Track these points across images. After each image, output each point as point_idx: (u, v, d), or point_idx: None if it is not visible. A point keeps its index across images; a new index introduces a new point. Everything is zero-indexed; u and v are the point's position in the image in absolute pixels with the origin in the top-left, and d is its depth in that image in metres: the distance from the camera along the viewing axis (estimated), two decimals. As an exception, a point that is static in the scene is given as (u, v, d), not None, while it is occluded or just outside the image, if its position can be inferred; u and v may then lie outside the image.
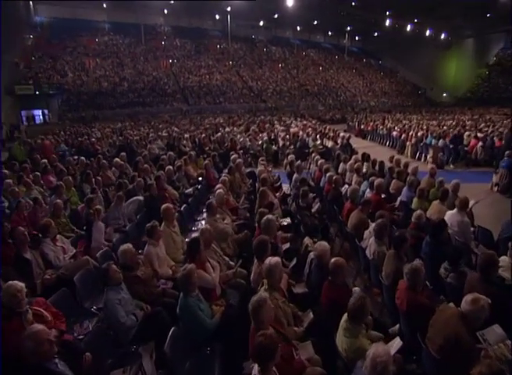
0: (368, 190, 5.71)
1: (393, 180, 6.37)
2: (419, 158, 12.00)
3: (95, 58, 30.15)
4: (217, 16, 36.87)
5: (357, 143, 14.69)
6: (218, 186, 5.24)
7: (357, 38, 49.32)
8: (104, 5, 31.11)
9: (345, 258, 4.97)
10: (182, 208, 5.39)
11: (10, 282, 2.73)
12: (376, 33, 44.63)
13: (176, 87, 32.00)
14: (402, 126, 15.43)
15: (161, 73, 32.37)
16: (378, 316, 3.58)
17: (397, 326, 3.05)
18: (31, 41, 28.31)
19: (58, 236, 4.08)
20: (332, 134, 13.84)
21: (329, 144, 12.28)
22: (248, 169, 8.13)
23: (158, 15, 34.64)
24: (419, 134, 12.52)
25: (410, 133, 13.34)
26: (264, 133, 13.10)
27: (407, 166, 6.94)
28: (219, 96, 32.92)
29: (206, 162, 7.36)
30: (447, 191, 5.14)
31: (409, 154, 12.79)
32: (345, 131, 19.98)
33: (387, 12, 35.38)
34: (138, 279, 3.20)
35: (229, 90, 34.00)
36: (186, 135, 12.77)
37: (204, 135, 13.03)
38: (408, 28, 37.39)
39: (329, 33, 47.39)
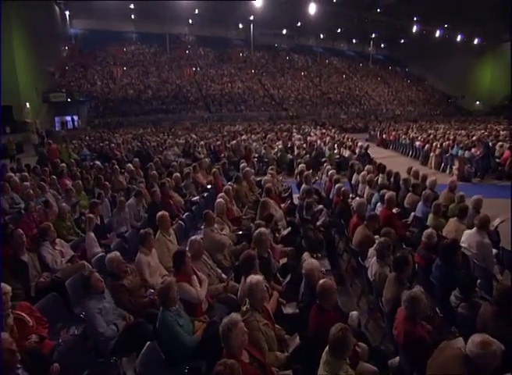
0: (380, 203, 5.38)
1: (408, 194, 6.00)
2: (444, 170, 11.32)
3: (122, 67, 31.55)
4: (240, 25, 37.53)
5: (377, 153, 14.18)
6: (220, 195, 5.13)
7: (382, 45, 48.31)
8: (133, 16, 32.63)
9: (352, 276, 4.80)
10: (184, 216, 5.32)
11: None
12: (403, 40, 43.52)
13: (198, 95, 32.73)
14: (426, 136, 14.72)
15: (185, 81, 33.25)
16: (378, 343, 3.28)
17: (397, 358, 2.75)
18: (66, 52, 30.12)
19: (57, 240, 4.11)
20: (350, 143, 13.46)
21: (346, 153, 11.91)
22: (259, 178, 8.00)
23: (183, 25, 35.82)
24: (444, 144, 11.83)
25: (435, 144, 12.66)
26: (280, 142, 12.93)
27: (425, 178, 6.51)
28: (240, 104, 33.28)
29: (214, 169, 7.30)
30: (466, 208, 4.70)
31: (433, 165, 12.11)
32: (366, 140, 19.48)
33: (414, 18, 34.41)
34: (124, 288, 3.12)
35: (251, 98, 34.29)
36: (202, 142, 12.86)
37: (219, 142, 13.09)
38: (437, 34, 36.02)
39: (353, 40, 46.85)
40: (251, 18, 32.70)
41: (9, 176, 7.26)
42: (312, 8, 25.59)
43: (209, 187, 7.28)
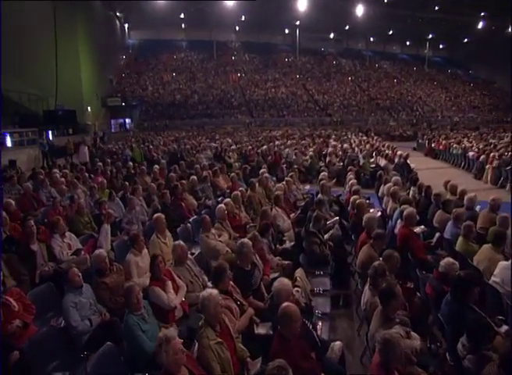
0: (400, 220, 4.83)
1: (438, 211, 5.29)
2: (502, 186, 9.85)
3: (171, 73, 33.56)
4: (286, 31, 37.60)
5: (423, 163, 13.03)
6: (225, 201, 5.05)
7: (440, 46, 44.66)
8: (183, 26, 34.66)
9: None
10: (191, 219, 5.34)
11: None
12: (466, 39, 39.64)
13: (241, 100, 33.40)
14: (483, 146, 13.09)
15: (229, 87, 34.18)
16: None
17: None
18: (124, 61, 33.00)
19: (67, 233, 4.38)
20: (389, 152, 12.56)
21: (382, 162, 11.09)
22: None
23: (229, 32, 37.05)
24: (505, 156, 10.34)
25: (492, 154, 11.15)
26: (311, 148, 12.53)
27: (463, 194, 5.72)
28: (283, 109, 33.19)
29: (233, 174, 7.26)
30: (504, 233, 3.96)
31: (489, 179, 10.67)
32: (414, 149, 18.05)
33: (481, 14, 31.10)
34: (105, 285, 3.19)
35: (294, 103, 34.04)
36: (233, 146, 12.98)
37: (250, 147, 13.09)
38: (510, 29, 32.06)
39: (407, 42, 44.01)
40: (297, 23, 32.55)
41: (53, 172, 8.06)
42: (361, 10, 24.64)
43: (228, 191, 7.27)
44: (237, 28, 36.16)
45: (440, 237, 4.68)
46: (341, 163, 11.79)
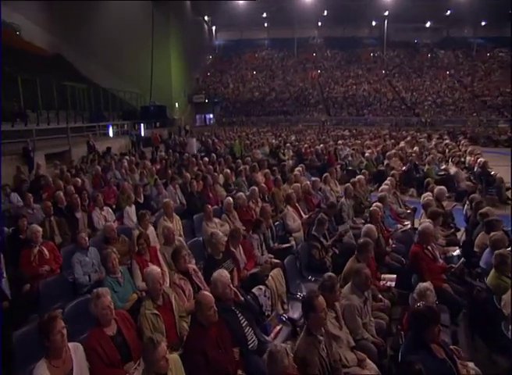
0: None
1: (481, 233, 4.40)
2: None
3: (252, 71, 35.02)
4: (373, 23, 34.92)
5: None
6: (238, 194, 5.33)
7: None
8: (265, 24, 35.63)
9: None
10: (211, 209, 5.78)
11: (34, 225, 3.95)
12: None
13: (319, 98, 32.72)
14: None
15: (308, 84, 33.82)
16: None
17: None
18: (210, 61, 35.99)
19: (105, 208, 5.34)
20: (470, 158, 10.85)
21: (453, 169, 9.65)
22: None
23: (312, 28, 36.40)
24: None
25: None
26: (370, 150, 11.67)
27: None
28: (364, 108, 31.25)
29: (267, 170, 7.46)
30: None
31: None
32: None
33: None
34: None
35: (376, 101, 31.68)
36: (288, 144, 13.06)
37: (306, 145, 12.94)
38: None
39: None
40: (386, 13, 29.91)
41: (121, 159, 9.76)
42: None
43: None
44: (319, 24, 35.30)
45: (464, 262, 3.99)
46: (404, 168, 10.73)
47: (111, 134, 17.99)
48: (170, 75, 26.16)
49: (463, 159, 11.05)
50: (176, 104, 28.57)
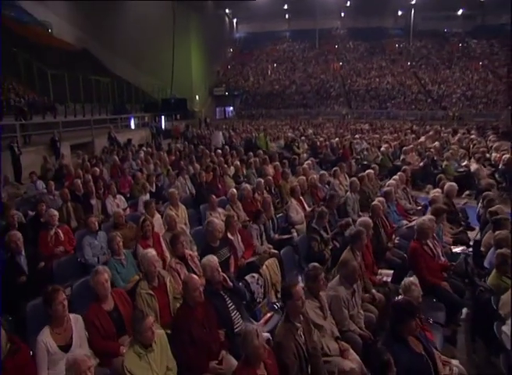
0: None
1: (489, 232, 4.26)
2: None
3: (273, 63, 34.67)
4: (399, 12, 33.32)
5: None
6: (243, 185, 5.45)
7: None
8: (287, 16, 35.00)
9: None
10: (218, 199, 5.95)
11: (51, 209, 4.30)
12: None
13: (340, 90, 31.96)
14: None
15: (329, 76, 33.09)
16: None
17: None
18: (230, 54, 35.99)
19: (118, 196, 5.67)
20: (496, 154, 10.35)
21: (473, 166, 9.26)
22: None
23: (335, 19, 35.34)
24: None
25: None
26: (387, 144, 11.38)
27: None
28: (387, 101, 30.23)
29: (276, 163, 7.52)
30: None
31: None
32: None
33: None
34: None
35: (401, 94, 30.51)
36: (303, 137, 12.98)
37: (322, 139, 12.81)
38: None
39: None
40: (413, 1, 28.46)
41: (139, 150, 10.14)
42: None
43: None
44: (342, 14, 34.15)
45: (463, 259, 3.91)
46: (421, 163, 10.42)
47: (132, 126, 18.64)
48: (191, 68, 26.50)
49: (488, 155, 10.54)
50: (197, 96, 28.96)
